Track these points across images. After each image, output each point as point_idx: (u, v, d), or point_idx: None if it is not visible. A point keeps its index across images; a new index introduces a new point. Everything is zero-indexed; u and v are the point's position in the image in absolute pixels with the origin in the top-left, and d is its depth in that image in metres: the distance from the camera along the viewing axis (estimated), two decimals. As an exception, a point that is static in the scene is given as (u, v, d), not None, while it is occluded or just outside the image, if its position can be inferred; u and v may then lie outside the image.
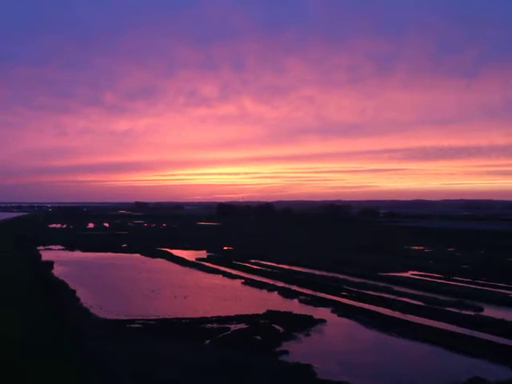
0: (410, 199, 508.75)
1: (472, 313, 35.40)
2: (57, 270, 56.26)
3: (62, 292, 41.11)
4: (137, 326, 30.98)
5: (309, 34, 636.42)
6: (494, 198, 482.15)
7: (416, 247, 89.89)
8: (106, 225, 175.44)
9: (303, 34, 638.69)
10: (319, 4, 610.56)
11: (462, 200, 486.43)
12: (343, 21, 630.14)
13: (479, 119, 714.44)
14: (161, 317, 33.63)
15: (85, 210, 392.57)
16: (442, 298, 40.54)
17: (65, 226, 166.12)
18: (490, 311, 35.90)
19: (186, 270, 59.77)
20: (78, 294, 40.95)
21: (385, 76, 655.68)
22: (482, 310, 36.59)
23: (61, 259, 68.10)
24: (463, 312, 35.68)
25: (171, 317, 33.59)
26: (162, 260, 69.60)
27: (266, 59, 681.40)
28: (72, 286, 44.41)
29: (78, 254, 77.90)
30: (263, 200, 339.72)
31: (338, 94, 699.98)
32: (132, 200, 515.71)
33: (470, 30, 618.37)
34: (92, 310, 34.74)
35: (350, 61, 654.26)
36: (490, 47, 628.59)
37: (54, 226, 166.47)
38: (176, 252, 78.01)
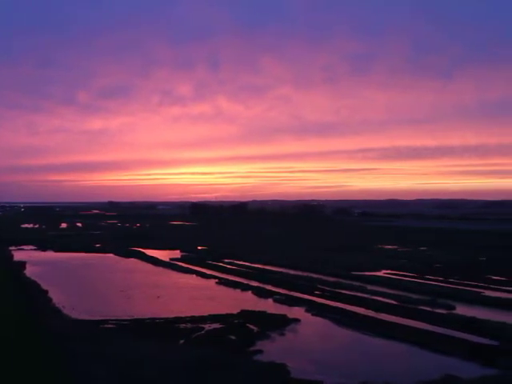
0: (383, 199, 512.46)
1: (444, 311, 35.79)
2: (29, 271, 55.71)
3: (35, 292, 40.73)
4: (110, 326, 30.78)
5: (285, 34, 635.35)
6: (467, 198, 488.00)
7: (389, 246, 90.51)
8: (79, 224, 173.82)
9: (279, 34, 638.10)
10: (296, 4, 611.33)
11: (434, 199, 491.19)
12: (320, 21, 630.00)
13: (453, 120, 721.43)
14: (135, 317, 33.46)
15: (57, 209, 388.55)
16: (415, 296, 40.88)
17: (37, 225, 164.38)
18: (462, 309, 36.28)
19: (160, 269, 59.52)
20: (51, 294, 40.62)
21: (360, 76, 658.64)
22: (454, 308, 36.99)
23: (33, 259, 67.38)
24: (436, 310, 36.01)
25: (145, 317, 33.42)
26: (135, 260, 69.24)
27: (242, 59, 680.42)
28: (44, 286, 44.05)
29: (50, 254, 77.10)
30: (237, 199, 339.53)
31: (314, 93, 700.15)
32: (105, 200, 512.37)
33: (445, 32, 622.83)
34: (65, 311, 34.49)
35: (325, 61, 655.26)
36: (465, 49, 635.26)
37: (26, 225, 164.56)
38: (149, 252, 77.64)
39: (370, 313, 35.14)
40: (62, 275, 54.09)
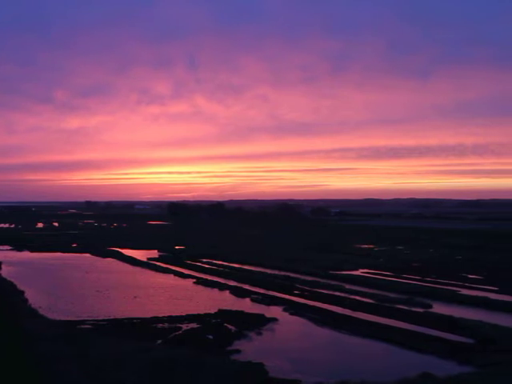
0: (360, 198, 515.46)
1: (421, 310, 36.07)
2: (5, 271, 55.13)
3: (11, 293, 40.30)
4: (87, 326, 30.54)
5: (264, 33, 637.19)
6: (443, 197, 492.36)
7: (367, 245, 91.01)
8: (56, 224, 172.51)
9: (258, 33, 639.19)
10: (274, 3, 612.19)
11: (411, 199, 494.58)
12: (298, 20, 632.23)
13: (430, 119, 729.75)
14: (112, 317, 33.26)
15: (33, 209, 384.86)
16: (392, 295, 41.14)
17: (13, 225, 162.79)
18: (438, 308, 36.60)
19: (138, 269, 59.21)
20: (27, 295, 40.21)
21: (339, 76, 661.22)
22: (431, 307, 37.29)
23: (9, 260, 66.81)
24: (413, 309, 36.29)
25: (122, 317, 33.23)
26: (112, 260, 68.82)
27: (221, 58, 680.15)
28: (20, 286, 43.60)
29: (26, 255, 76.39)
30: (215, 199, 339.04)
31: (292, 93, 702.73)
32: (83, 199, 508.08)
33: (423, 32, 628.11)
34: (41, 311, 34.13)
35: (304, 60, 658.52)
36: (442, 49, 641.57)
37: (1, 225, 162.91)
38: (127, 252, 77.32)
39: (348, 311, 35.29)
40: (38, 275, 53.56)
